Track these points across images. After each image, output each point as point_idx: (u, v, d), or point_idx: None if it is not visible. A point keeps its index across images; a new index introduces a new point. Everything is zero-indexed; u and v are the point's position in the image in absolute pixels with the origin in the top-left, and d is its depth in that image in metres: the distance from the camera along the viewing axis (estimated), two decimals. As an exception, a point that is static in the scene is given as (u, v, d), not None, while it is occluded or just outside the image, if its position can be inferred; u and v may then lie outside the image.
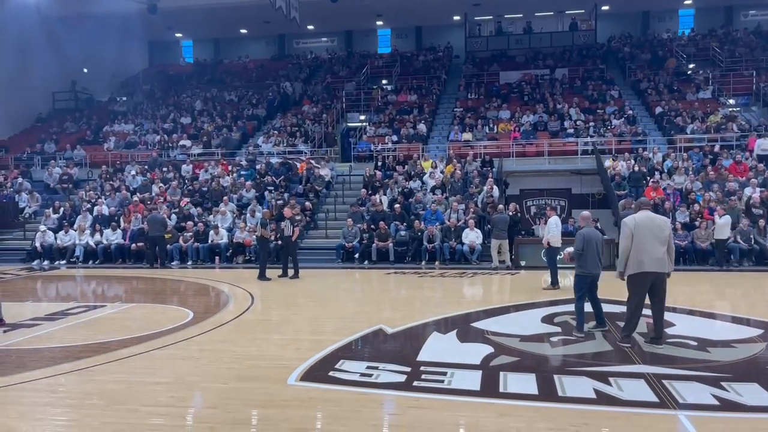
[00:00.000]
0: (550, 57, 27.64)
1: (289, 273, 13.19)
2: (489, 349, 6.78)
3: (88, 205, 18.50)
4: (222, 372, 6.16)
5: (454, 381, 5.73)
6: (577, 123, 21.25)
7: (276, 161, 20.43)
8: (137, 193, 19.12)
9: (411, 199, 17.16)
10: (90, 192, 19.78)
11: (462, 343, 7.18)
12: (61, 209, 18.64)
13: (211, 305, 10.51)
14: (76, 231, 17.25)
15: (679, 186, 16.47)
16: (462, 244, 15.13)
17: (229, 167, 20.47)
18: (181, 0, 25.13)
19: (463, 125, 22.23)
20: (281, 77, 29.18)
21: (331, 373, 5.99)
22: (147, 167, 21.21)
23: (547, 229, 11.61)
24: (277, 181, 18.76)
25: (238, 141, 23.52)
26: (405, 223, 16.06)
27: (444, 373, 5.93)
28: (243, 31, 32.39)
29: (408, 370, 6.04)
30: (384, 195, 17.58)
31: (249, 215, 16.75)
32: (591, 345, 6.99)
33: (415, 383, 5.67)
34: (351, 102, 25.88)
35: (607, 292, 8.16)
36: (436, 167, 18.71)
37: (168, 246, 16.22)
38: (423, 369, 6.08)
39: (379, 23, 31.52)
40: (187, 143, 23.49)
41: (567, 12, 29.38)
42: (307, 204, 17.62)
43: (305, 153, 21.63)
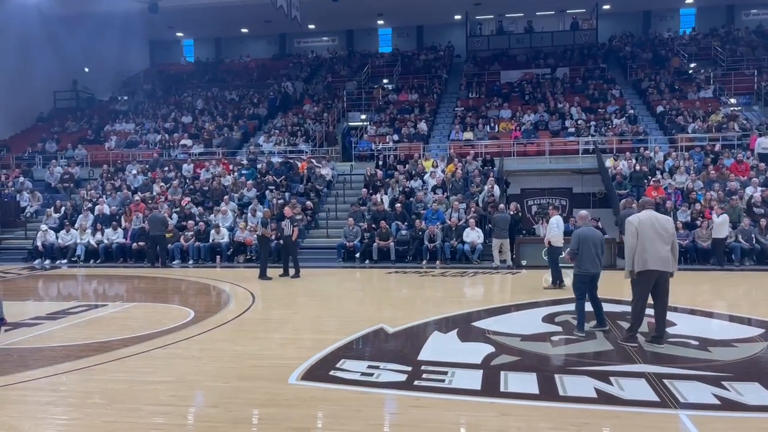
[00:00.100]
0: (551, 56, 27.63)
1: (290, 272, 13.21)
2: (490, 349, 6.78)
3: (89, 205, 18.50)
4: (223, 371, 6.17)
5: (454, 380, 5.73)
6: (578, 122, 21.23)
7: (277, 160, 20.43)
8: (138, 193, 19.12)
9: (412, 199, 17.15)
10: (91, 191, 19.78)
11: (463, 343, 7.18)
12: (63, 208, 18.65)
13: (212, 304, 10.52)
14: (77, 230, 17.26)
15: (680, 185, 16.45)
16: (463, 243, 15.13)
17: (230, 166, 20.49)
18: (182, -1, 25.20)
19: (464, 124, 22.22)
20: (282, 76, 29.17)
21: (332, 373, 5.99)
22: (148, 166, 21.23)
23: (549, 229, 11.62)
24: (278, 181, 18.75)
25: (238, 141, 23.54)
26: (406, 223, 16.06)
27: (445, 373, 5.93)
28: (244, 31, 32.39)
29: (409, 369, 6.04)
30: (385, 194, 17.57)
31: (250, 214, 16.74)
32: (592, 344, 6.99)
33: (416, 383, 5.67)
34: (352, 101, 25.88)
35: (608, 291, 8.16)
36: (437, 166, 18.70)
37: (169, 245, 16.23)
38: (424, 368, 6.08)
39: (380, 22, 31.51)
40: (188, 142, 23.50)
41: (568, 11, 29.39)
42: (308, 203, 17.62)
43: (306, 152, 21.63)
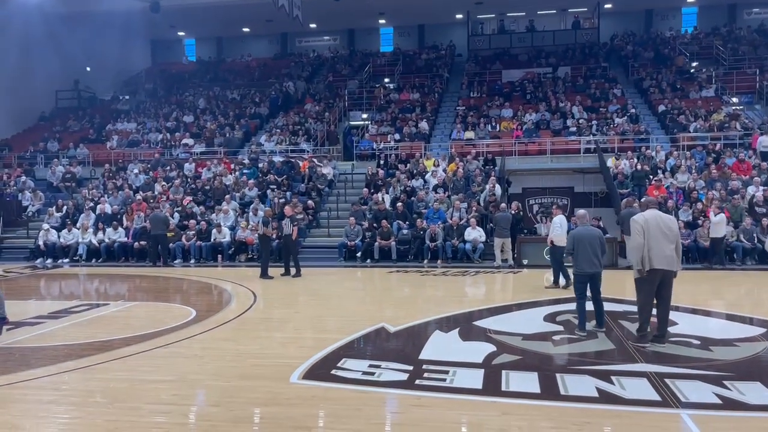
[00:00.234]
0: (552, 55, 27.61)
1: (291, 271, 13.21)
2: (491, 348, 6.78)
3: (91, 204, 18.53)
4: (224, 370, 6.17)
5: (456, 379, 5.73)
6: (580, 121, 21.21)
7: (278, 160, 20.43)
8: (140, 192, 19.15)
9: (413, 198, 17.15)
10: (93, 190, 19.81)
11: (464, 342, 7.18)
12: (64, 208, 18.67)
13: (214, 304, 10.53)
14: (79, 229, 17.29)
15: (682, 184, 16.43)
16: (464, 242, 15.13)
17: (232, 166, 20.51)
18: (184, -2, 25.22)
19: (466, 124, 22.22)
20: (284, 76, 29.17)
21: (334, 372, 5.99)
22: (150, 166, 21.25)
23: (552, 228, 11.60)
24: (280, 180, 18.76)
25: (240, 140, 23.55)
26: (407, 222, 16.06)
27: (446, 372, 5.93)
28: (245, 30, 32.38)
29: (410, 368, 6.04)
30: (386, 193, 17.57)
31: (251, 214, 16.75)
32: (593, 344, 6.98)
33: (418, 382, 5.67)
34: (353, 100, 25.89)
35: (609, 290, 8.16)
36: (438, 166, 18.70)
37: (170, 244, 16.24)
38: (425, 367, 6.09)
39: (382, 22, 31.49)
40: (190, 142, 23.51)
41: (570, 10, 29.35)
42: (310, 202, 17.63)
43: (307, 151, 21.64)
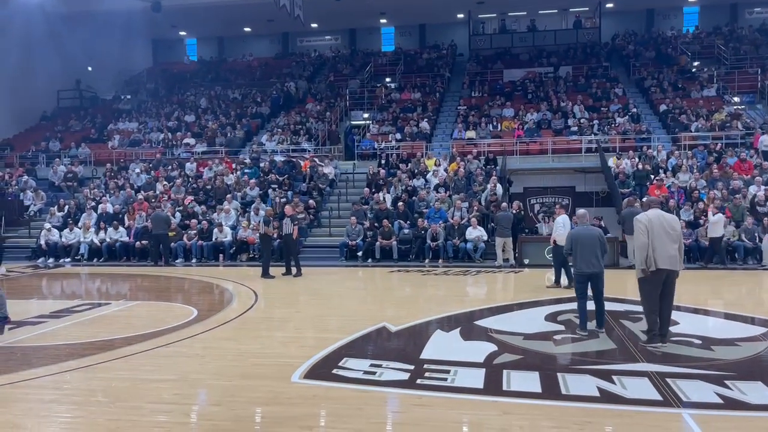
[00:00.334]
0: (554, 55, 27.58)
1: (293, 271, 13.22)
2: (492, 347, 6.78)
3: (92, 203, 18.56)
4: (226, 369, 6.18)
5: (457, 379, 5.74)
6: (581, 121, 21.19)
7: (280, 159, 20.44)
8: (141, 191, 19.18)
9: (414, 197, 17.15)
10: (94, 190, 19.85)
11: (465, 341, 7.18)
12: (66, 207, 18.71)
13: (215, 303, 10.53)
14: (80, 229, 17.32)
15: (684, 184, 16.42)
16: (465, 242, 15.13)
17: (233, 165, 20.53)
18: (185, -2, 25.25)
19: (467, 123, 22.21)
20: (285, 75, 29.17)
21: (335, 371, 6.00)
22: (151, 165, 21.27)
23: (555, 228, 11.58)
24: (281, 179, 18.77)
25: (241, 140, 23.56)
26: (408, 221, 16.06)
27: (447, 371, 5.93)
28: (247, 30, 32.39)
29: (411, 368, 6.05)
30: (387, 193, 17.57)
31: (253, 213, 16.77)
32: (594, 343, 6.98)
33: (419, 381, 5.67)
34: (354, 100, 25.89)
35: (610, 290, 8.15)
36: (439, 165, 18.70)
37: (172, 244, 16.25)
38: (426, 367, 6.09)
39: (383, 21, 31.48)
40: (191, 141, 23.52)
41: (571, 10, 29.32)
42: (311, 202, 17.64)
43: (309, 151, 21.65)
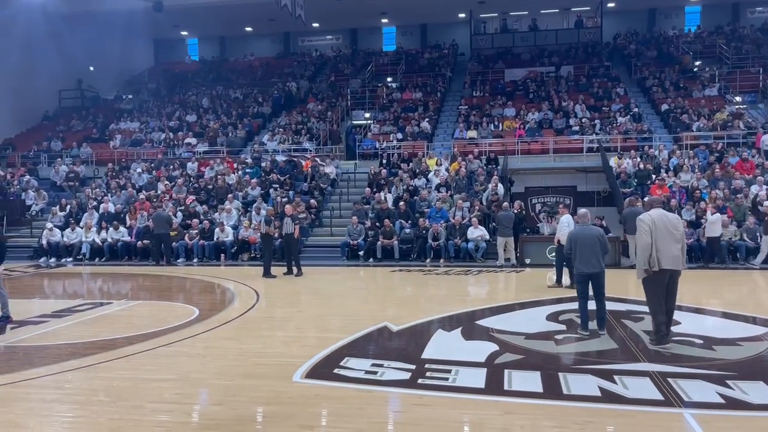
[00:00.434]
0: (555, 54, 27.55)
1: (294, 270, 13.22)
2: (494, 347, 6.78)
3: (94, 203, 18.58)
4: (227, 369, 6.19)
5: (458, 379, 5.74)
6: (583, 120, 21.17)
7: (281, 159, 20.46)
8: (143, 191, 19.20)
9: (416, 197, 17.16)
10: (96, 189, 19.87)
11: (467, 341, 7.18)
12: (68, 207, 18.73)
13: (217, 303, 10.54)
14: (82, 228, 17.34)
15: (685, 184, 16.40)
16: (467, 241, 15.12)
17: (235, 165, 20.54)
18: (187, -2, 25.27)
19: (468, 123, 22.20)
20: (286, 75, 29.19)
21: (336, 371, 6.00)
22: (153, 165, 21.29)
23: (559, 227, 11.55)
24: (282, 179, 18.78)
25: (242, 140, 23.56)
26: (410, 221, 16.06)
27: (449, 371, 5.93)
28: (248, 29, 32.40)
29: (413, 367, 6.05)
30: (389, 193, 17.57)
31: (254, 213, 16.77)
32: (596, 343, 6.97)
33: (420, 381, 5.68)
34: (356, 100, 25.88)
35: (612, 290, 8.15)
36: (441, 165, 18.69)
37: (173, 243, 16.27)
38: (428, 366, 6.09)
39: (384, 21, 31.47)
40: (193, 141, 23.54)
41: (572, 9, 29.28)
42: (312, 202, 17.65)
43: (310, 151, 21.66)
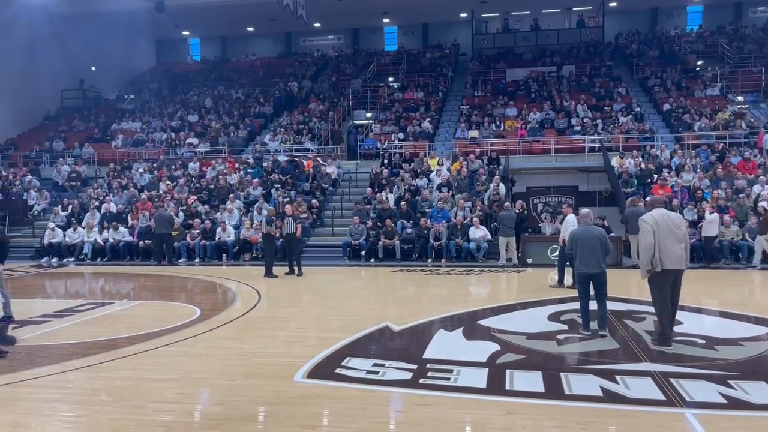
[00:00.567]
0: (557, 54, 27.52)
1: (296, 270, 13.23)
2: (495, 347, 6.78)
3: (96, 203, 18.61)
4: (229, 369, 6.19)
5: (460, 378, 5.74)
6: (584, 120, 21.16)
7: (283, 159, 20.47)
8: (145, 191, 19.22)
9: (417, 197, 17.16)
10: (98, 189, 19.89)
11: (468, 341, 7.18)
12: (70, 207, 18.77)
13: (218, 302, 10.55)
14: (84, 228, 17.36)
15: (687, 183, 16.38)
16: (468, 241, 15.12)
17: (236, 165, 20.55)
18: (188, -2, 25.28)
19: (470, 123, 22.19)
20: (288, 75, 29.21)
21: (338, 371, 6.00)
22: (155, 165, 21.31)
23: (564, 227, 11.53)
24: (284, 179, 18.78)
25: (244, 140, 23.57)
26: (411, 221, 16.06)
27: (450, 371, 5.93)
28: (250, 29, 32.42)
29: (414, 367, 6.05)
30: (390, 192, 17.56)
31: (256, 213, 16.79)
32: (597, 343, 6.97)
33: (422, 381, 5.67)
34: (357, 99, 25.89)
35: (613, 290, 8.13)
36: (442, 165, 18.68)
37: (175, 243, 16.29)
38: (429, 366, 6.09)
39: (386, 21, 31.46)
40: (195, 141, 23.56)
41: (574, 9, 29.26)
42: (314, 201, 17.65)
43: (312, 151, 21.66)
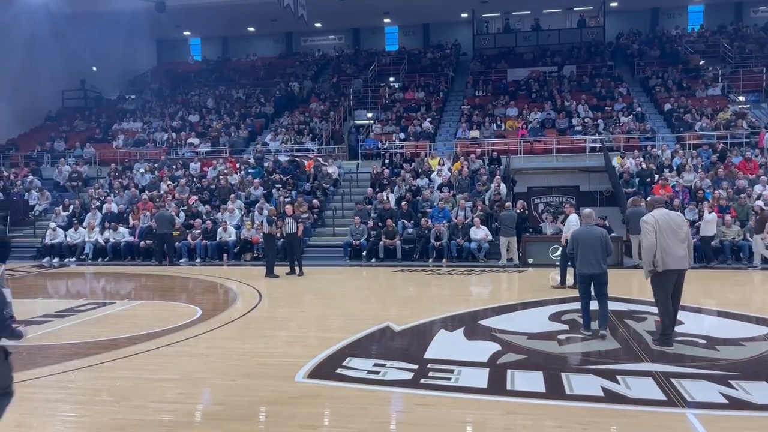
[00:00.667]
0: (558, 54, 27.51)
1: (297, 270, 13.24)
2: (496, 347, 6.78)
3: (97, 203, 18.63)
4: (230, 369, 6.20)
5: (461, 378, 5.74)
6: (585, 120, 21.14)
7: (284, 159, 20.47)
8: (146, 191, 19.23)
9: (418, 197, 17.15)
10: (99, 190, 19.90)
11: (469, 341, 7.18)
12: (71, 207, 18.79)
13: (219, 302, 10.56)
14: (85, 228, 17.38)
15: (688, 183, 16.37)
16: (469, 241, 15.12)
17: (237, 165, 20.56)
18: (189, -2, 25.29)
19: (471, 123, 22.18)
20: (289, 75, 29.21)
21: (339, 371, 6.01)
22: (156, 165, 21.33)
23: (567, 227, 11.51)
24: (285, 179, 18.79)
25: (245, 140, 23.58)
26: (412, 221, 16.06)
27: (451, 371, 5.93)
28: (251, 29, 32.43)
29: (415, 367, 6.05)
30: (391, 192, 17.56)
31: (257, 213, 16.79)
32: (598, 343, 6.96)
33: (423, 381, 5.68)
34: (358, 99, 25.89)
35: (614, 290, 8.13)
36: (443, 165, 18.68)
37: (176, 243, 16.30)
38: (430, 366, 6.09)
39: (387, 21, 31.45)
40: (196, 141, 23.57)
41: (575, 9, 29.26)
42: (315, 201, 17.66)
43: (313, 151, 21.66)
